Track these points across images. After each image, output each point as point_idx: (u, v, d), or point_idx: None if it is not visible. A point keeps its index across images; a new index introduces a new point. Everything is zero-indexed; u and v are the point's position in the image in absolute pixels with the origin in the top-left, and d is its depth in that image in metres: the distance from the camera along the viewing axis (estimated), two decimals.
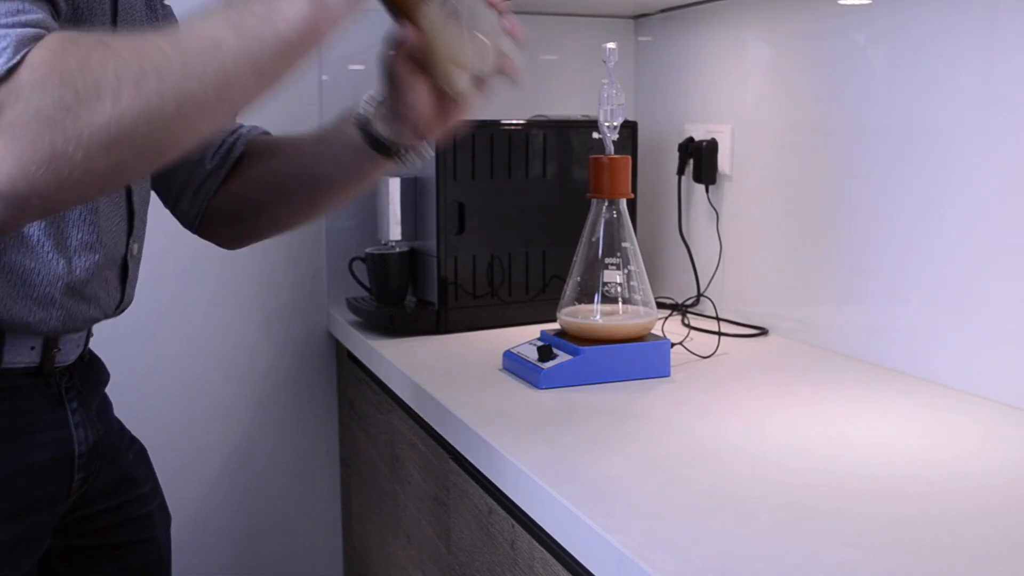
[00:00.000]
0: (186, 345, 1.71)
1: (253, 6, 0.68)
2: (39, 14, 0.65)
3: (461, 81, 0.88)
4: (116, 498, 1.02)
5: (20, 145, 0.59)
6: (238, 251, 1.12)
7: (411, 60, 0.86)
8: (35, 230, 0.82)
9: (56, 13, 0.71)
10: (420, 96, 0.88)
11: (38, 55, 0.60)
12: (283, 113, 1.21)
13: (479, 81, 0.89)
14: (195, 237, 1.10)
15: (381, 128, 0.93)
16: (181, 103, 0.64)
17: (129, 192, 0.93)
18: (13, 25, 0.62)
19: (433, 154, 0.97)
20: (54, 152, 0.60)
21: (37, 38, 0.62)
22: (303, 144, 1.03)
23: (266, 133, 1.09)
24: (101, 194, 0.64)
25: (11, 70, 0.60)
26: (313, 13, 0.69)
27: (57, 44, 0.62)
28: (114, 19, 0.88)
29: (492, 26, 0.89)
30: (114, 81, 0.61)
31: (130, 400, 1.56)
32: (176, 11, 1.02)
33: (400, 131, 0.93)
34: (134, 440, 1.08)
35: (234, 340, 1.74)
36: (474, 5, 0.87)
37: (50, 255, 0.83)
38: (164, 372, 1.70)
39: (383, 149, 0.94)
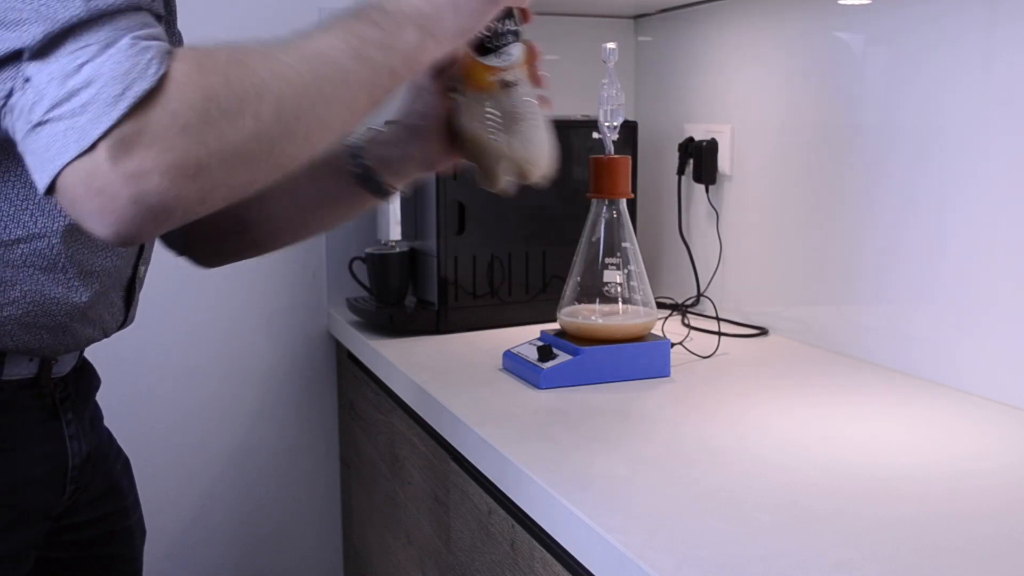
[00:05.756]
0: (186, 345, 1.71)
1: (370, 32, 0.72)
2: (159, 27, 0.65)
3: (500, 177, 0.91)
4: (100, 509, 1.00)
5: (170, 157, 0.60)
6: None
7: (444, 85, 0.90)
8: (62, 257, 0.80)
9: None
10: (439, 116, 0.92)
11: (179, 69, 0.61)
12: None
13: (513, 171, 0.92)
14: None
15: (372, 157, 0.95)
16: (311, 124, 0.67)
17: None
18: (149, 38, 0.62)
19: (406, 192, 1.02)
20: (199, 165, 0.61)
21: (170, 51, 0.62)
22: None
23: None
24: (228, 204, 0.67)
25: (162, 79, 0.60)
26: (422, 43, 0.75)
27: (195, 58, 0.63)
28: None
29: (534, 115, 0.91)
30: (255, 99, 0.63)
31: (129, 401, 1.56)
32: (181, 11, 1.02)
33: (399, 156, 0.95)
34: (120, 451, 1.07)
35: (234, 340, 1.74)
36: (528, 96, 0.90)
37: (72, 282, 0.82)
38: (163, 373, 1.70)
39: (367, 182, 0.95)
